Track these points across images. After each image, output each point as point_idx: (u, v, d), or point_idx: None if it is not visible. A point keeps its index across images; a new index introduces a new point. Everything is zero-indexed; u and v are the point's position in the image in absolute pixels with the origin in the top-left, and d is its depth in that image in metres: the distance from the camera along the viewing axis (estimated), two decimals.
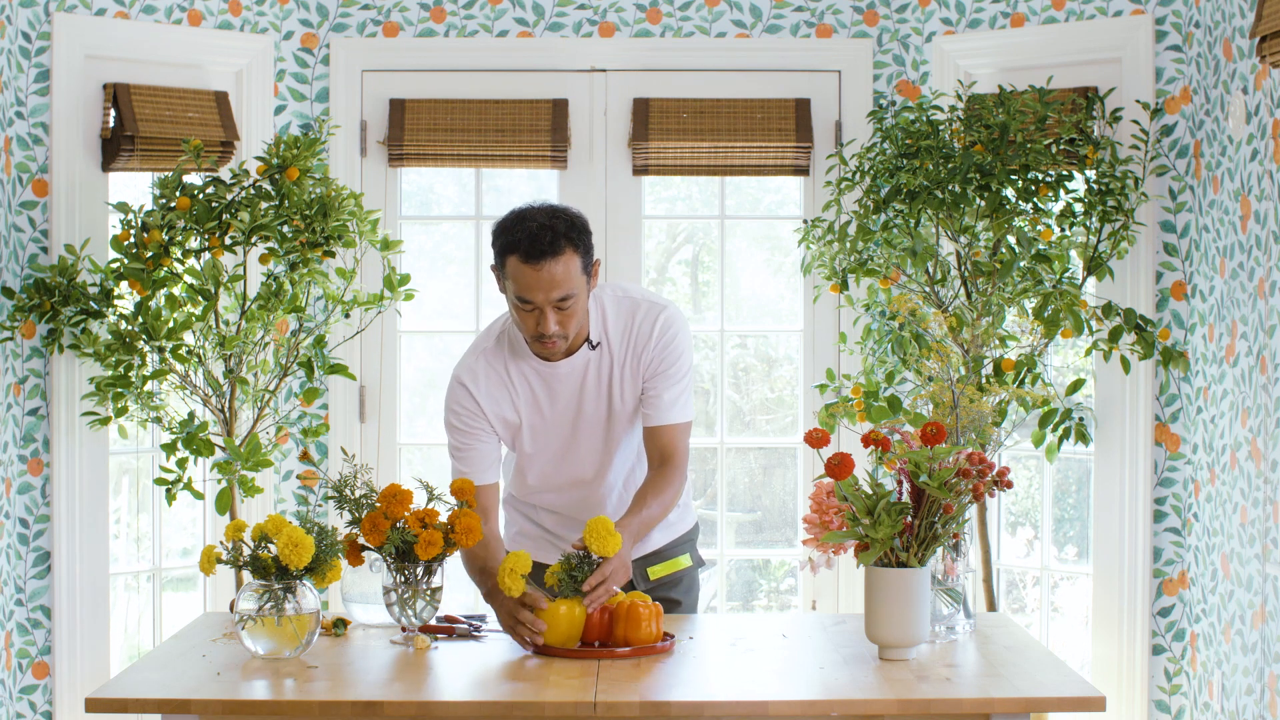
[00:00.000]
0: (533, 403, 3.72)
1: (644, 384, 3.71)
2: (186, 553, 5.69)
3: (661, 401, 3.70)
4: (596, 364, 3.70)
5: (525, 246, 3.48)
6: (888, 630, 3.32)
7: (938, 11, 5.38)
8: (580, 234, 3.54)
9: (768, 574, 6.58)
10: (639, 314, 3.71)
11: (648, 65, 5.54)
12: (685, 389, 3.73)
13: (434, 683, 3.26)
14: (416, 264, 5.75)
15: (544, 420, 3.73)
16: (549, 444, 3.76)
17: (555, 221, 3.51)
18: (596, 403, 3.71)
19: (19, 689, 4.89)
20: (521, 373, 3.71)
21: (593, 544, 3.40)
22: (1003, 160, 4.82)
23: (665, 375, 3.69)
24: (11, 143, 4.83)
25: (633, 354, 3.69)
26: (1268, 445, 4.29)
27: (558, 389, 3.70)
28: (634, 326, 3.70)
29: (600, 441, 3.75)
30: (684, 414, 3.73)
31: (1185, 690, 4.98)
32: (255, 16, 5.36)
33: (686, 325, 3.76)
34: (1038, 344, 4.92)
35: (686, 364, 3.73)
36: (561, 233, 3.49)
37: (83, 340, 4.76)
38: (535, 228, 3.49)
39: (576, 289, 3.53)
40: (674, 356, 3.70)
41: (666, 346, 3.69)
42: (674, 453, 3.72)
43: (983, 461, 3.29)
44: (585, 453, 3.76)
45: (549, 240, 3.48)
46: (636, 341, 3.69)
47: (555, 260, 3.48)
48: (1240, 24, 4.50)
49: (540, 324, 3.54)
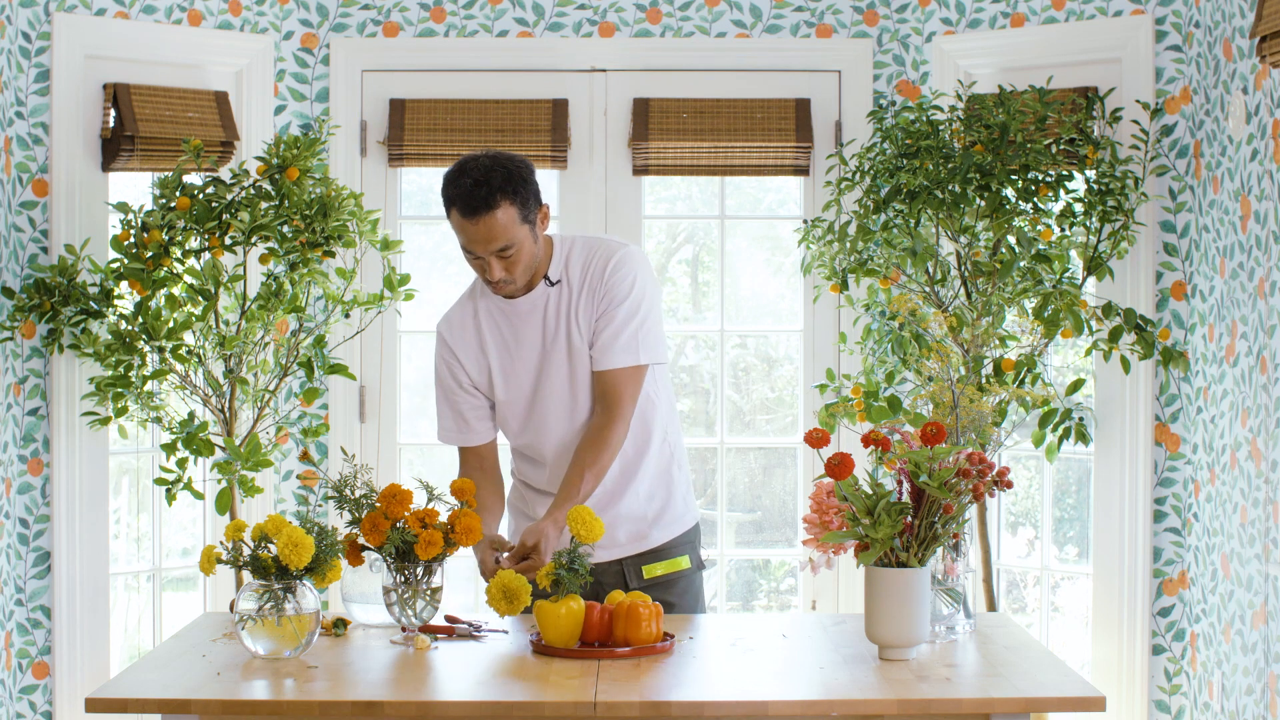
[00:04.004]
0: (500, 341, 3.80)
1: (595, 324, 3.74)
2: (186, 553, 5.69)
3: (606, 341, 3.71)
4: (556, 300, 3.76)
5: (463, 202, 3.58)
6: (888, 630, 3.32)
7: (938, 11, 5.38)
8: (518, 184, 3.59)
9: (768, 574, 6.58)
10: (598, 252, 3.76)
11: (648, 65, 5.54)
12: (633, 330, 3.71)
13: (434, 683, 3.26)
14: (416, 264, 5.75)
15: (512, 359, 3.80)
16: (520, 387, 3.80)
17: (491, 176, 3.57)
18: (556, 339, 3.76)
19: (19, 689, 4.89)
20: (489, 312, 3.81)
21: (579, 531, 3.44)
22: (1003, 160, 4.82)
23: (613, 313, 3.71)
24: (11, 143, 4.83)
25: (588, 289, 3.74)
26: (1268, 445, 4.29)
27: (520, 327, 3.78)
28: (591, 263, 3.75)
29: (565, 385, 3.77)
30: (630, 357, 3.71)
31: (1185, 690, 4.98)
32: (255, 16, 5.36)
33: (645, 265, 3.77)
34: (1038, 344, 4.92)
35: (636, 303, 3.71)
36: (497, 186, 3.56)
37: (83, 340, 4.76)
38: (470, 184, 3.57)
39: (516, 239, 3.61)
40: (623, 293, 3.70)
41: (614, 283, 3.71)
42: (616, 400, 3.70)
43: (983, 461, 3.29)
44: (551, 396, 3.79)
45: (483, 195, 3.56)
46: (591, 278, 3.74)
47: (492, 214, 3.57)
48: (1240, 24, 4.50)
49: (486, 271, 3.66)
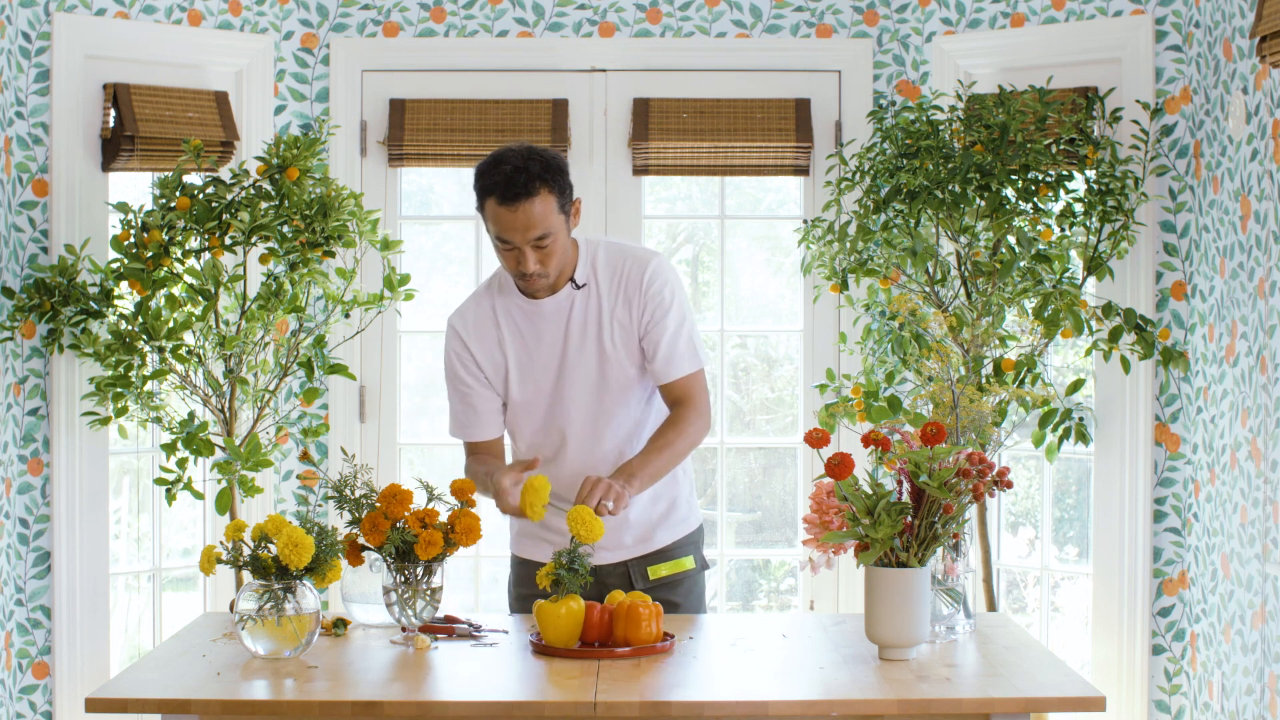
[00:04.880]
0: (519, 341, 3.79)
1: (642, 339, 3.76)
2: (187, 553, 5.69)
3: (665, 353, 3.75)
4: (583, 304, 3.76)
5: (502, 188, 3.58)
6: (888, 630, 3.32)
7: (938, 11, 5.38)
8: (556, 174, 3.62)
9: (768, 574, 6.58)
10: (628, 260, 3.77)
11: (648, 65, 5.54)
12: (686, 336, 3.78)
13: (434, 683, 3.26)
14: (416, 264, 5.75)
15: (530, 359, 3.79)
16: (539, 388, 3.79)
17: (530, 163, 3.59)
18: (583, 343, 3.75)
19: (19, 689, 4.89)
20: (508, 310, 3.79)
21: (578, 531, 3.40)
22: (1003, 160, 4.82)
23: (662, 324, 3.75)
24: (11, 143, 4.83)
25: (623, 299, 3.75)
26: (1268, 445, 4.29)
27: (542, 327, 3.77)
28: (623, 271, 3.76)
29: (592, 390, 3.77)
30: (692, 363, 3.79)
31: (1185, 690, 4.98)
32: (255, 16, 5.36)
33: (676, 273, 3.82)
34: (1038, 344, 4.92)
35: (681, 311, 3.78)
36: (536, 174, 3.58)
37: (83, 340, 4.76)
38: (510, 170, 3.58)
39: (554, 228, 3.61)
40: (667, 303, 3.75)
41: (654, 293, 3.75)
42: (690, 399, 3.78)
43: (983, 461, 3.29)
44: (574, 399, 3.78)
45: (524, 182, 3.57)
46: (627, 287, 3.75)
47: (531, 201, 3.57)
48: (1240, 24, 4.50)
49: (520, 263, 3.64)
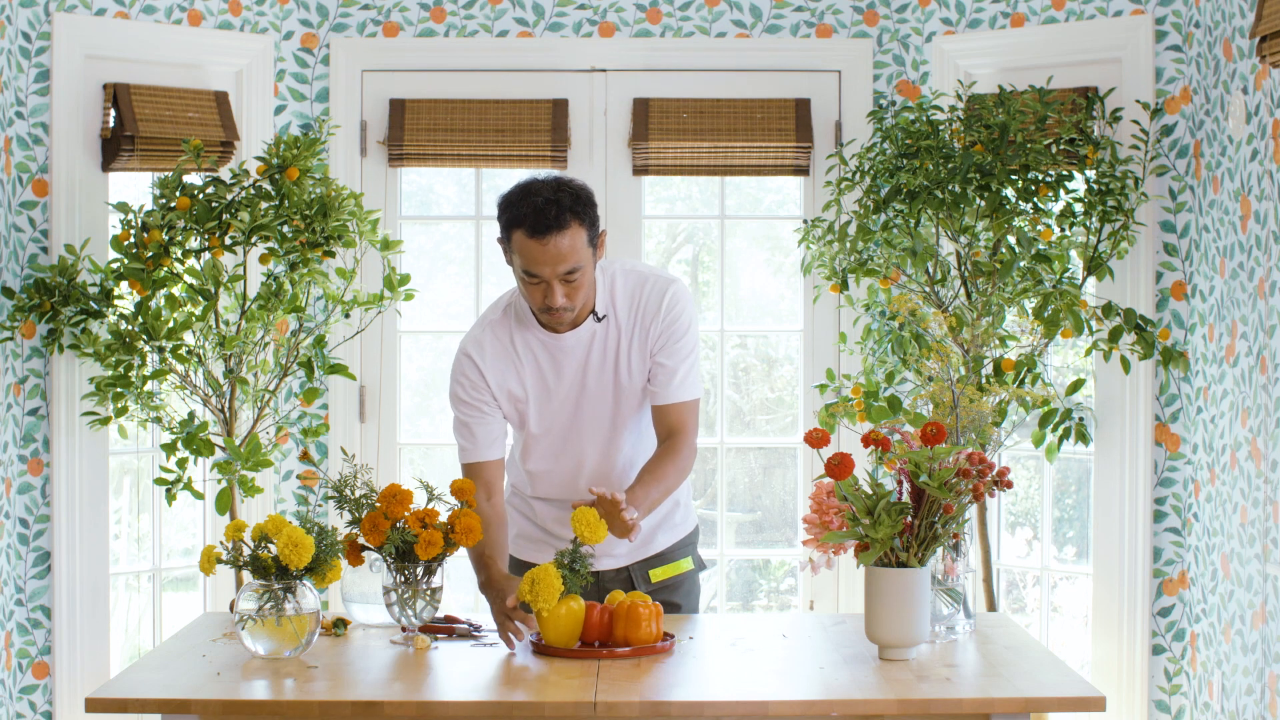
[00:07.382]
0: (538, 376, 3.71)
1: (651, 360, 3.69)
2: (187, 553, 5.69)
3: (670, 378, 3.69)
4: (603, 337, 3.68)
5: (531, 221, 3.47)
6: (888, 630, 3.32)
7: (938, 11, 5.38)
8: (585, 206, 3.53)
9: (768, 574, 6.58)
10: (646, 287, 3.70)
11: (648, 65, 5.54)
12: (693, 365, 3.72)
13: (434, 683, 3.26)
14: (416, 264, 5.75)
15: (549, 394, 3.71)
16: (555, 420, 3.74)
17: (561, 195, 3.49)
18: (601, 376, 3.70)
19: (19, 689, 4.89)
20: (527, 344, 3.70)
21: (583, 533, 3.37)
22: (1003, 160, 4.82)
23: (673, 350, 3.69)
24: (11, 143, 4.83)
25: (640, 327, 3.69)
26: (1268, 445, 4.29)
27: (563, 361, 3.69)
28: (641, 299, 3.69)
29: (607, 420, 3.73)
30: (693, 391, 3.73)
31: (1185, 690, 4.98)
32: (255, 16, 5.36)
33: (692, 301, 3.76)
34: (1038, 344, 4.92)
35: (693, 339, 3.73)
36: (567, 206, 3.48)
37: (83, 340, 4.76)
38: (541, 202, 3.47)
39: (583, 261, 3.52)
40: (681, 330, 3.69)
41: (675, 320, 3.68)
42: (683, 429, 3.72)
43: (983, 461, 3.29)
44: (590, 431, 3.74)
45: (554, 214, 3.47)
46: (644, 314, 3.68)
47: (561, 234, 3.48)
48: (1240, 24, 4.50)
49: (548, 297, 3.54)
